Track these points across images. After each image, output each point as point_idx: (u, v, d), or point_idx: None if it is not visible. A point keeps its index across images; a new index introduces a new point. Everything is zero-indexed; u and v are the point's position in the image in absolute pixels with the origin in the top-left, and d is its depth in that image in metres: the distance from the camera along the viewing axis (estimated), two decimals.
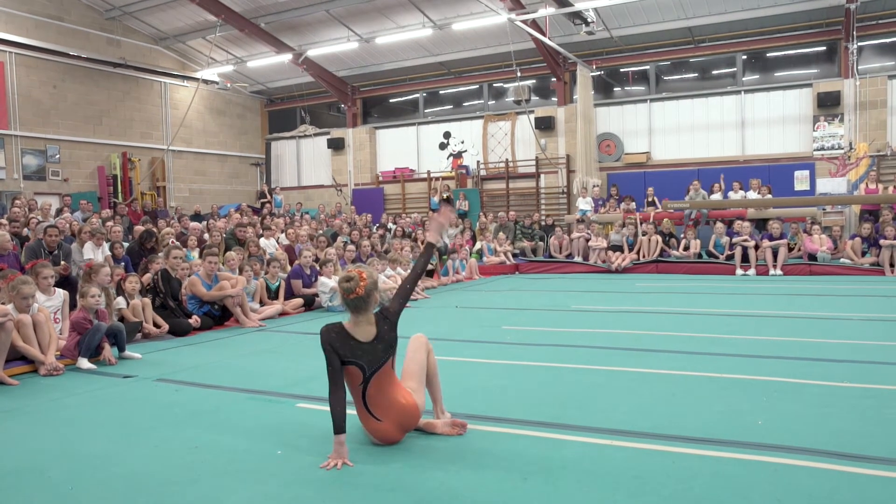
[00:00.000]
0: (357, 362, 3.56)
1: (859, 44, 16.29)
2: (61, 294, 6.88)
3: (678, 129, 18.76)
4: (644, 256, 14.63)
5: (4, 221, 11.44)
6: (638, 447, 3.58)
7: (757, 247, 13.43)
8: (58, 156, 18.73)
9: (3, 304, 6.03)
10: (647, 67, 19.27)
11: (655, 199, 16.66)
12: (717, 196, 15.96)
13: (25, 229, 11.31)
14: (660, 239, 14.62)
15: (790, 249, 13.59)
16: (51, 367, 5.83)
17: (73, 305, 6.88)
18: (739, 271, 13.36)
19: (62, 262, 8.99)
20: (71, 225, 11.93)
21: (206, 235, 12.32)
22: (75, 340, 6.21)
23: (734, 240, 13.65)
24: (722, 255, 13.93)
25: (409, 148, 22.57)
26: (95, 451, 3.80)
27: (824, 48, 17.44)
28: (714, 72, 18.80)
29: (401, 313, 3.78)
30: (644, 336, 6.99)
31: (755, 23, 17.23)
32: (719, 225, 14.33)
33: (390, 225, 16.83)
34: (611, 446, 3.62)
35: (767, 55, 18.08)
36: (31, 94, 18.09)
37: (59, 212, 14.19)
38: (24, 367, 5.89)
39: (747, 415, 4.10)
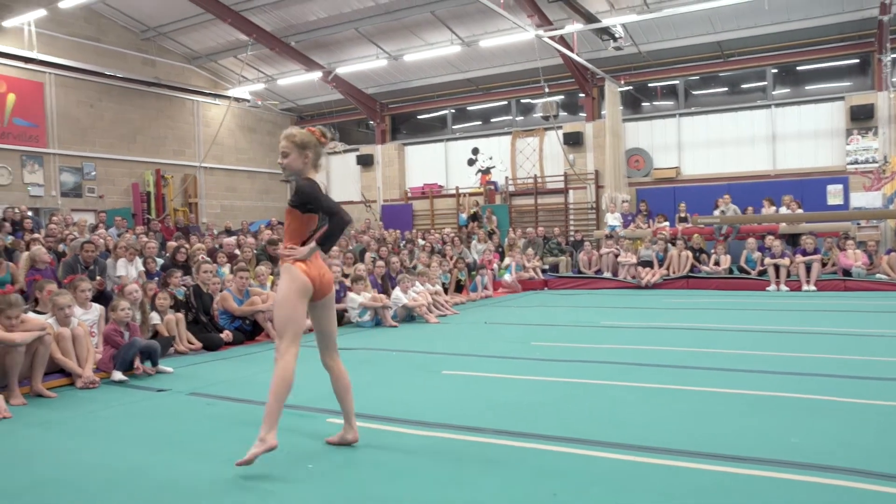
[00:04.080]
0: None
1: (893, 56, 16.06)
2: (97, 308, 7.01)
3: (708, 143, 18.62)
4: (674, 272, 14.51)
5: (41, 237, 11.71)
6: (669, 464, 3.56)
7: (790, 262, 13.26)
8: (94, 173, 19.13)
9: (36, 311, 6.20)
10: (676, 82, 19.18)
11: (688, 214, 16.55)
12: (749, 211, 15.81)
13: (62, 245, 11.55)
14: (690, 254, 14.49)
15: (824, 265, 13.39)
16: (87, 381, 5.95)
17: (107, 320, 7.01)
18: (773, 287, 13.22)
19: (97, 278, 9.16)
20: (106, 241, 12.15)
21: (238, 251, 12.46)
22: (110, 353, 6.33)
23: (767, 259, 13.47)
24: (754, 270, 13.77)
25: (437, 164, 22.67)
26: (130, 462, 3.86)
27: (857, 61, 17.23)
28: (744, 86, 18.65)
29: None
30: (674, 352, 6.93)
31: (785, 36, 17.09)
32: (751, 240, 14.17)
33: (420, 241, 16.88)
34: (641, 463, 3.60)
35: (798, 68, 17.90)
36: (69, 113, 18.53)
37: (95, 228, 14.46)
38: (62, 379, 6.03)
39: (780, 432, 4.05)
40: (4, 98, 17.08)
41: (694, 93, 19.24)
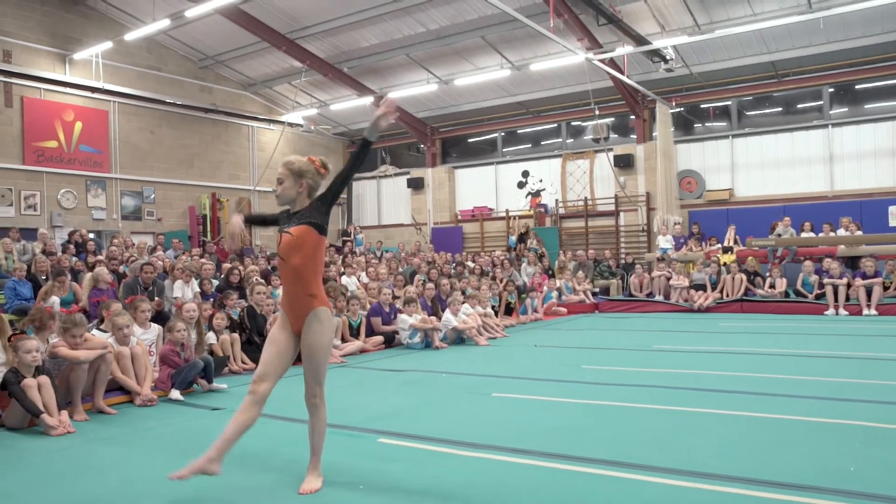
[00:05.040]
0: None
1: None
2: (156, 328, 7.23)
3: (762, 164, 18.29)
4: (728, 295, 14.23)
5: (104, 258, 12.12)
6: (721, 490, 3.50)
7: (849, 285, 12.88)
8: (153, 196, 19.76)
9: (100, 329, 6.42)
10: (729, 103, 18.93)
11: (738, 237, 16.26)
12: (807, 234, 15.42)
13: (122, 266, 11.93)
14: (744, 277, 14.20)
15: (886, 288, 12.97)
16: (146, 398, 6.13)
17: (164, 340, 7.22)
18: (831, 311, 12.86)
19: (156, 298, 9.43)
20: (164, 262, 12.50)
21: None
22: (167, 372, 6.51)
23: (825, 279, 13.12)
24: (811, 293, 13.42)
25: (487, 187, 22.75)
26: (188, 479, 3.96)
27: None
28: (799, 105, 18.30)
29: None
30: (728, 377, 6.79)
31: (842, 55, 16.73)
32: (807, 263, 13.82)
33: (469, 263, 16.90)
34: (693, 489, 3.54)
35: (856, 87, 17.50)
36: (130, 139, 19.22)
37: (153, 250, 14.90)
38: (122, 397, 6.22)
39: (838, 460, 3.94)
40: (72, 126, 17.84)
41: (747, 113, 18.96)
